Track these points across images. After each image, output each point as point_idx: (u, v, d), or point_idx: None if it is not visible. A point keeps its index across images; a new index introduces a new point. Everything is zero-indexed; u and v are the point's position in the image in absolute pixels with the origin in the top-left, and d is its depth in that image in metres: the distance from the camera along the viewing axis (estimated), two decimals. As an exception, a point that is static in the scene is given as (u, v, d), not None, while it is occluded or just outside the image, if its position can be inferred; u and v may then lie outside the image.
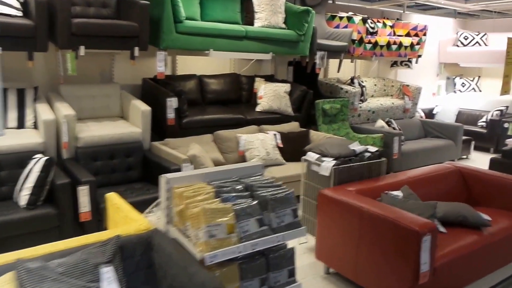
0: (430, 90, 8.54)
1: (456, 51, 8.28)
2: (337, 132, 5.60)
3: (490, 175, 3.51)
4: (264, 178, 2.22)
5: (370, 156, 3.29)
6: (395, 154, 5.45)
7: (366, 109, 6.07)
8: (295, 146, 4.72)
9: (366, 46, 5.90)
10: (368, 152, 3.32)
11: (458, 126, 6.35)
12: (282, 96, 5.10)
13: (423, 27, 6.64)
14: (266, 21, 4.90)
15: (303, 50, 5.15)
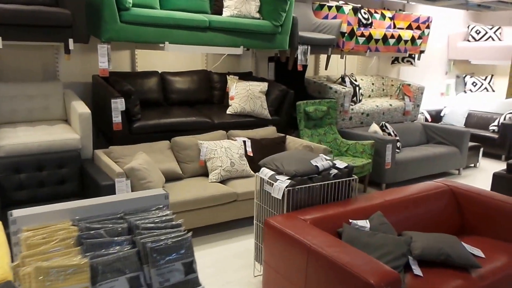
0: (438, 89, 7.93)
1: (466, 46, 7.64)
2: (323, 138, 5.05)
3: (488, 198, 2.94)
4: (164, 214, 1.71)
5: (337, 174, 2.74)
6: (387, 163, 4.88)
7: (359, 111, 5.51)
8: (268, 155, 4.19)
9: (358, 40, 5.33)
10: (335, 168, 2.78)
11: (464, 132, 5.75)
12: (257, 96, 4.57)
13: (426, 19, 6.04)
14: (236, 9, 4.37)
15: (281, 44, 4.61)
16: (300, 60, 4.82)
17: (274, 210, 2.68)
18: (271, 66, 5.22)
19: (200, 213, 3.49)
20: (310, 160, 2.74)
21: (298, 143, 4.24)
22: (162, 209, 1.78)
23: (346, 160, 4.79)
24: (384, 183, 5.03)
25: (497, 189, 3.77)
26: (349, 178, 2.79)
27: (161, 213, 1.73)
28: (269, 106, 4.70)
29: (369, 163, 4.76)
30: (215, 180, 3.79)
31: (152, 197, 1.80)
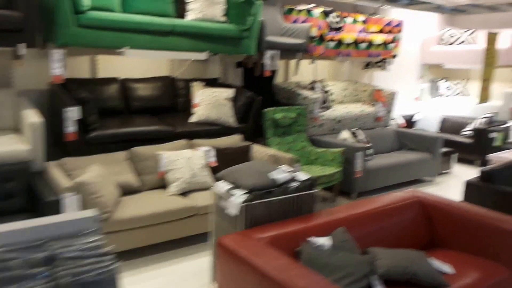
0: (412, 94, 7.93)
1: (440, 50, 7.66)
2: (292, 146, 4.94)
3: (457, 209, 2.86)
4: (91, 240, 1.55)
5: (298, 187, 2.63)
6: (357, 172, 4.80)
7: (330, 118, 5.42)
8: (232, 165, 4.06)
9: (328, 44, 5.25)
10: (296, 181, 2.66)
11: (436, 138, 5.72)
12: (222, 103, 4.43)
13: (398, 23, 6.01)
14: (200, 13, 4.23)
15: (248, 49, 4.49)
16: (268, 65, 4.70)
17: (231, 227, 2.54)
18: (239, 72, 5.10)
19: (157, 229, 3.33)
20: (269, 173, 2.62)
21: (264, 152, 4.11)
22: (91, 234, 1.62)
23: (315, 169, 4.69)
24: (354, 192, 4.94)
25: (470, 197, 3.71)
26: (311, 190, 2.68)
27: (88, 239, 1.58)
28: (235, 113, 4.57)
29: (339, 171, 4.67)
30: (174, 192, 3.64)
31: (80, 220, 1.64)
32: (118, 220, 3.12)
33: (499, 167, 3.70)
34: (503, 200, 3.50)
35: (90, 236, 1.61)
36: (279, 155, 4.10)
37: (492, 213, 2.77)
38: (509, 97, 6.87)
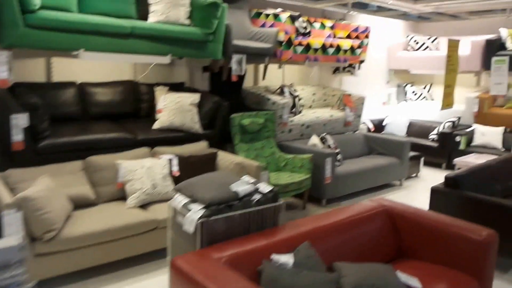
0: (380, 99, 7.81)
1: (406, 56, 7.58)
2: (261, 152, 4.69)
3: (424, 218, 2.66)
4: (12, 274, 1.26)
5: (260, 200, 2.37)
6: (327, 178, 4.59)
7: (299, 123, 5.20)
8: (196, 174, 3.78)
9: (296, 49, 5.03)
10: (259, 193, 2.40)
11: (404, 142, 5.58)
12: (187, 109, 4.15)
13: (365, 29, 5.85)
14: (163, 15, 3.94)
15: (214, 53, 4.22)
16: (235, 70, 4.45)
17: (189, 245, 2.26)
18: (205, 76, 4.82)
19: (113, 246, 3.01)
20: (230, 185, 2.35)
21: (230, 160, 3.85)
22: (12, 268, 1.32)
23: (284, 175, 4.45)
24: (324, 198, 4.73)
25: (436, 204, 3.54)
26: (275, 203, 2.42)
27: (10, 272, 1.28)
28: (201, 119, 4.29)
29: (308, 178, 4.45)
30: (133, 205, 3.33)
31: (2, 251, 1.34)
32: (68, 237, 2.79)
33: (463, 172, 3.54)
34: (469, 205, 3.34)
35: (13, 269, 1.31)
36: (246, 163, 3.84)
37: (459, 222, 2.58)
38: (471, 102, 6.83)
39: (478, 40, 6.65)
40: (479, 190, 3.63)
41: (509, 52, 6.45)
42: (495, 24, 7.26)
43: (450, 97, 5.69)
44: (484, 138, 6.44)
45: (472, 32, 7.50)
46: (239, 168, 3.73)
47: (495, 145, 6.36)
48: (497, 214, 3.18)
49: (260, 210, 2.35)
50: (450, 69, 5.52)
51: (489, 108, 6.70)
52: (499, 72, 6.37)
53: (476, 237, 2.45)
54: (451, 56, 5.43)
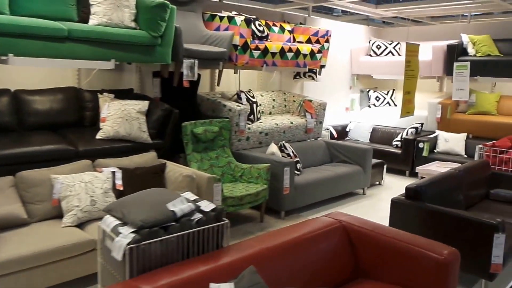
0: (343, 104, 7.77)
1: (368, 61, 7.57)
2: (215, 162, 4.50)
3: (384, 235, 2.54)
4: None
5: (201, 220, 2.18)
6: (285, 188, 4.44)
7: (257, 130, 5.04)
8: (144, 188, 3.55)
9: (253, 54, 4.88)
10: (200, 212, 2.21)
11: (366, 149, 5.51)
12: (134, 117, 3.91)
13: (325, 33, 5.77)
14: (105, 17, 3.70)
15: (163, 57, 4.01)
16: (186, 75, 4.24)
17: (118, 274, 2.04)
18: (156, 82, 4.60)
19: (44, 271, 2.74)
20: (166, 204, 2.15)
21: (179, 172, 3.63)
22: None
23: (239, 187, 4.27)
24: (283, 210, 4.57)
25: (396, 216, 3.44)
26: (219, 223, 2.23)
27: None
28: (150, 128, 4.06)
29: (265, 189, 4.28)
30: (70, 223, 3.06)
31: None
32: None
33: (424, 183, 3.46)
34: (431, 218, 3.25)
35: None
36: (197, 175, 3.64)
37: (420, 240, 2.46)
38: (434, 108, 6.87)
39: (440, 45, 6.70)
40: (442, 201, 3.56)
41: (471, 57, 6.52)
42: (457, 29, 7.36)
43: (410, 104, 5.64)
44: (447, 144, 6.47)
45: (435, 38, 7.57)
46: (188, 181, 3.53)
47: (458, 151, 6.39)
48: (460, 227, 3.10)
49: (201, 231, 2.15)
50: (409, 74, 5.48)
51: (451, 114, 6.75)
52: (460, 78, 6.42)
53: (437, 256, 2.33)
54: (411, 61, 5.40)
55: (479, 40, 6.56)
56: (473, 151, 6.33)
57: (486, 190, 4.35)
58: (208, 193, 3.64)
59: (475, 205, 4.09)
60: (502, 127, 6.21)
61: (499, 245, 2.96)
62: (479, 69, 6.42)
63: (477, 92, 6.74)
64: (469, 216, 3.06)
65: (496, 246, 2.96)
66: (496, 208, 3.98)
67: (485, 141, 6.26)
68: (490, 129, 6.34)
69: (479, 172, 4.30)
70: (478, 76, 6.47)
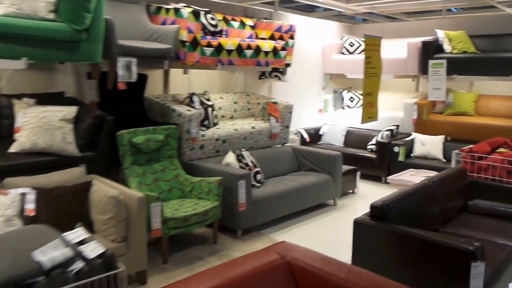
0: (316, 106, 7.24)
1: (341, 59, 7.06)
2: (161, 176, 3.90)
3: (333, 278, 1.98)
4: None
5: (83, 270, 1.58)
6: (241, 204, 3.87)
7: (212, 137, 4.46)
8: (63, 212, 2.95)
9: (204, 51, 4.30)
10: (83, 259, 1.62)
11: (335, 156, 4.97)
12: (56, 126, 3.30)
13: (289, 28, 5.22)
14: (13, 6, 3.08)
15: (90, 55, 3.40)
16: (122, 76, 3.64)
17: None
18: (91, 84, 3.97)
19: None
20: (33, 252, 1.55)
21: (104, 192, 3.03)
22: None
23: (187, 205, 3.68)
24: (239, 229, 4.00)
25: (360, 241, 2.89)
26: (110, 272, 1.65)
27: None
28: (79, 138, 3.45)
29: (216, 206, 3.70)
30: (-50, 264, 2.44)
31: None
32: None
33: (392, 199, 2.91)
34: (399, 242, 2.71)
35: None
36: (126, 194, 3.04)
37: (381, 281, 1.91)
38: (410, 108, 6.38)
39: (415, 42, 6.22)
40: (414, 218, 3.03)
41: (447, 54, 6.05)
42: (433, 25, 6.90)
43: (373, 108, 5.06)
44: (424, 148, 5.98)
45: (410, 34, 7.11)
46: (114, 203, 2.92)
47: (436, 155, 5.91)
48: (432, 253, 2.57)
49: (83, 286, 1.56)
50: (370, 73, 4.90)
51: (428, 115, 6.27)
52: (437, 77, 5.94)
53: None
54: (371, 57, 4.82)
55: (455, 36, 6.10)
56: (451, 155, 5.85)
57: (464, 201, 3.85)
58: (140, 216, 3.05)
59: (453, 219, 3.58)
60: (480, 128, 5.75)
61: (478, 276, 2.43)
62: (456, 67, 5.96)
63: (454, 91, 6.27)
64: (440, 240, 2.53)
65: (474, 277, 2.43)
66: (476, 223, 3.48)
67: (464, 144, 5.79)
68: (468, 130, 5.87)
69: (455, 181, 3.80)
70: (455, 74, 6.00)
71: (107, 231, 2.97)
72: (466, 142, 5.79)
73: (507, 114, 5.93)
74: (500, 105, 6.01)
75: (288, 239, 4.07)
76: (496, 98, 6.09)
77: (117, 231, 2.97)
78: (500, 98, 6.06)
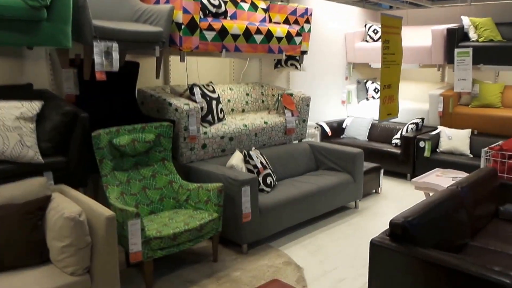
0: (338, 97, 6.15)
1: (365, 47, 5.92)
2: (150, 183, 2.97)
3: None
4: None
5: None
6: (245, 215, 2.89)
7: (217, 135, 3.50)
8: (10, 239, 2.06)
9: (205, 35, 3.31)
10: None
11: (355, 154, 3.90)
12: (10, 127, 2.40)
13: (304, 11, 4.15)
14: None
15: (55, 38, 2.47)
16: (100, 64, 2.70)
17: None
18: (68, 74, 3.04)
19: None
20: None
21: (61, 211, 2.11)
22: None
23: (179, 219, 2.73)
24: (244, 243, 3.03)
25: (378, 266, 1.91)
26: None
27: None
28: (43, 141, 2.55)
29: (215, 219, 2.74)
30: None
31: None
32: None
33: (415, 214, 1.88)
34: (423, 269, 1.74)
35: None
36: (92, 213, 2.12)
37: None
38: (435, 100, 5.21)
39: (440, 29, 5.04)
40: (439, 235, 2.02)
41: (473, 43, 4.88)
42: (458, 12, 5.68)
43: (393, 102, 3.92)
44: (451, 143, 4.84)
45: (435, 22, 5.91)
46: (72, 226, 2.01)
47: (463, 150, 4.76)
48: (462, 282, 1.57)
49: None
50: (388, 60, 3.76)
51: (454, 107, 5.11)
52: (462, 66, 4.79)
53: None
54: (391, 41, 3.65)
55: (481, 23, 4.93)
56: (479, 150, 4.69)
57: (495, 206, 2.83)
58: (109, 240, 2.12)
59: (483, 228, 2.58)
60: (507, 121, 4.66)
61: None
62: (482, 56, 4.84)
63: (480, 82, 5.10)
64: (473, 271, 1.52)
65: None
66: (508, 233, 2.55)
67: (491, 139, 4.70)
68: (495, 124, 4.78)
69: (486, 184, 2.81)
70: (481, 64, 4.86)
71: (64, 261, 2.06)
72: (493, 136, 4.73)
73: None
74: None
75: (300, 253, 3.08)
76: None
77: (78, 261, 2.07)
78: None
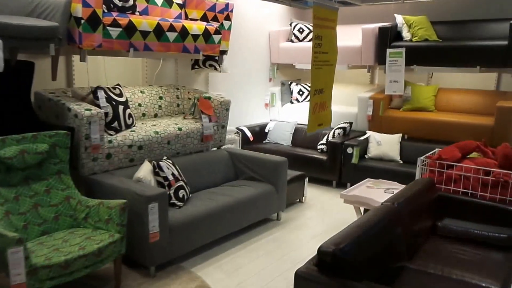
0: (262, 100, 6.33)
1: (289, 47, 6.16)
2: (44, 200, 2.85)
3: None
4: None
5: None
6: (152, 235, 2.89)
7: (124, 143, 3.44)
8: None
9: (109, 32, 3.25)
10: None
11: (279, 163, 4.07)
12: None
13: (224, 7, 4.24)
14: None
15: None
16: (-22, 64, 2.54)
17: None
18: None
19: None
20: None
21: None
22: None
23: (78, 237, 2.65)
24: (152, 265, 3.02)
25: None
26: None
27: None
28: None
29: (117, 241, 2.70)
30: None
31: None
32: None
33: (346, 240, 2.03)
34: None
35: None
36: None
37: None
38: (364, 103, 5.59)
39: (371, 28, 5.41)
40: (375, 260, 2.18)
41: (406, 43, 5.29)
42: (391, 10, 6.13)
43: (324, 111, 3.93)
44: (380, 148, 5.22)
45: (367, 20, 6.31)
46: None
47: (392, 156, 5.16)
48: None
49: None
50: (320, 60, 3.76)
51: (384, 111, 5.50)
52: (395, 67, 5.19)
53: None
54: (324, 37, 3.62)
55: (415, 22, 5.33)
56: (409, 156, 5.13)
57: (432, 221, 3.09)
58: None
59: (420, 248, 2.80)
60: (441, 125, 5.06)
61: None
62: (416, 57, 5.21)
63: (412, 84, 5.54)
64: None
65: None
66: (447, 252, 2.73)
67: (422, 143, 5.10)
68: (427, 128, 5.17)
69: (423, 197, 3.02)
70: (414, 65, 5.25)
71: None
72: (424, 141, 5.11)
73: (469, 109, 5.26)
74: (462, 100, 5.34)
75: (215, 275, 3.14)
76: (458, 92, 5.41)
77: None
78: (462, 92, 5.38)
